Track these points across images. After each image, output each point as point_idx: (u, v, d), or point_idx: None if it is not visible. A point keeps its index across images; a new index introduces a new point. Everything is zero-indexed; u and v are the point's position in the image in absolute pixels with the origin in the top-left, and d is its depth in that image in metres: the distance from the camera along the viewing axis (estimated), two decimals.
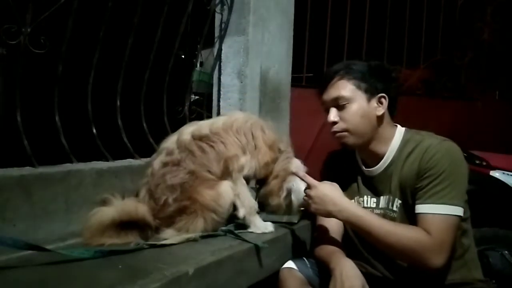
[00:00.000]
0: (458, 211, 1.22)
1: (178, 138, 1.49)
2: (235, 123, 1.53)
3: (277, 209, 1.60)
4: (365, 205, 1.40)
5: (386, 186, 1.36)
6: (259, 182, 1.65)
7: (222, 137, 1.48)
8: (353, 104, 1.33)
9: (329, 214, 1.30)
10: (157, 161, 1.47)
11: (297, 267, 1.44)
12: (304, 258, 1.50)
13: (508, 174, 2.32)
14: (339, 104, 1.35)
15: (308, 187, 1.35)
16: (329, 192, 1.31)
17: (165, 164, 1.44)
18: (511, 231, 2.13)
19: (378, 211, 1.37)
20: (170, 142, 1.50)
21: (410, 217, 1.29)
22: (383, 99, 1.34)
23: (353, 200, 1.42)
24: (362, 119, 1.33)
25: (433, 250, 1.19)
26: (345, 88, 1.34)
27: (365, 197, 1.41)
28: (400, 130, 1.38)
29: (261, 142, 1.55)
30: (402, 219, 1.31)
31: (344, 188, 1.44)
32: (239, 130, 1.52)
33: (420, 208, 1.24)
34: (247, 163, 1.50)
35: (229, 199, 1.46)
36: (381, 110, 1.34)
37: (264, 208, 1.64)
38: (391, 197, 1.34)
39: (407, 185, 1.29)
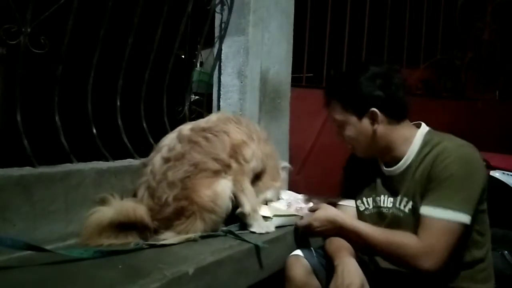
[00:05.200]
0: (462, 217, 1.18)
1: (178, 134, 1.50)
2: (231, 117, 1.59)
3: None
4: (382, 204, 1.39)
5: (403, 186, 1.34)
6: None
7: (224, 128, 1.51)
8: (347, 126, 1.35)
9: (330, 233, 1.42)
10: (158, 158, 1.46)
11: (304, 255, 1.45)
12: (312, 248, 1.51)
13: (508, 174, 2.32)
14: (338, 125, 1.38)
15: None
16: (327, 215, 1.41)
17: (167, 160, 1.44)
18: (511, 231, 2.13)
19: (393, 211, 1.36)
20: (170, 139, 1.50)
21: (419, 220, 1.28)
22: (375, 115, 1.30)
23: (370, 198, 1.43)
24: (359, 137, 1.34)
25: (419, 254, 1.20)
26: (336, 111, 1.37)
27: (382, 196, 1.39)
28: (422, 131, 1.34)
29: (258, 136, 1.60)
30: (410, 221, 1.30)
31: (363, 186, 1.45)
32: (238, 121, 1.56)
33: (422, 210, 1.24)
34: (255, 152, 1.53)
35: (227, 198, 1.45)
36: (376, 125, 1.31)
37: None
38: (403, 198, 1.33)
39: (418, 187, 1.28)
